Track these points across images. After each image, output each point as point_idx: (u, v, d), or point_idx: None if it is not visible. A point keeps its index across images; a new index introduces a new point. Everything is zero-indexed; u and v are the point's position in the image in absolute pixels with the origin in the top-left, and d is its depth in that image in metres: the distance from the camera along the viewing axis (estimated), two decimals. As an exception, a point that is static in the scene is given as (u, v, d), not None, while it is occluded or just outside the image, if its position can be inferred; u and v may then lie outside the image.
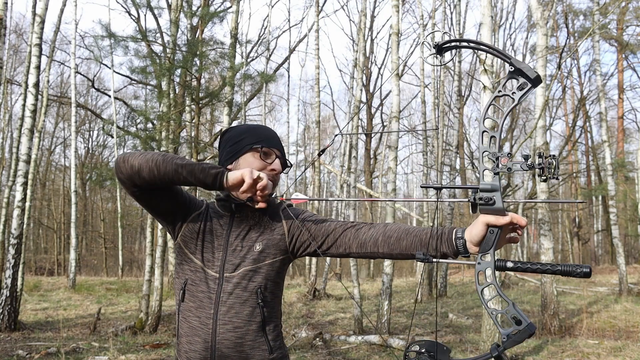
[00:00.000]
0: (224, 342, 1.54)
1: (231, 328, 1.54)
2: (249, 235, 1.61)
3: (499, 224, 1.26)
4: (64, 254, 25.84)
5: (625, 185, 21.99)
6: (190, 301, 1.60)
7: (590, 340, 7.29)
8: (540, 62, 8.46)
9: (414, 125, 31.00)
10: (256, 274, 1.57)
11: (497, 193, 1.23)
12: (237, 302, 1.55)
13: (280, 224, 1.64)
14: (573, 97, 27.55)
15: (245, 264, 1.57)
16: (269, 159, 1.64)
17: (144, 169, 1.44)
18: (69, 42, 20.18)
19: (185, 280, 1.62)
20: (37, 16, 8.76)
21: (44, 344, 7.32)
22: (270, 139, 1.66)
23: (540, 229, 8.42)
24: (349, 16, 34.05)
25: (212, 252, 1.61)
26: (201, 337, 1.56)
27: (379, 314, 8.40)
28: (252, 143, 1.63)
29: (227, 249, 1.60)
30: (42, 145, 23.68)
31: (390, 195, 8.84)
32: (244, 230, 1.62)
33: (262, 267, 1.58)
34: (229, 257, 1.59)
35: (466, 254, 1.36)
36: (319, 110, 15.75)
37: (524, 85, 1.25)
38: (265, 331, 1.57)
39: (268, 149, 1.64)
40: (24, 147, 8.61)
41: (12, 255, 8.46)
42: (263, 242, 1.60)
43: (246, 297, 1.56)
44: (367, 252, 1.51)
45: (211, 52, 9.54)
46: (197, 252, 1.62)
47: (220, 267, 1.58)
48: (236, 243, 1.60)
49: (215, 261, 1.60)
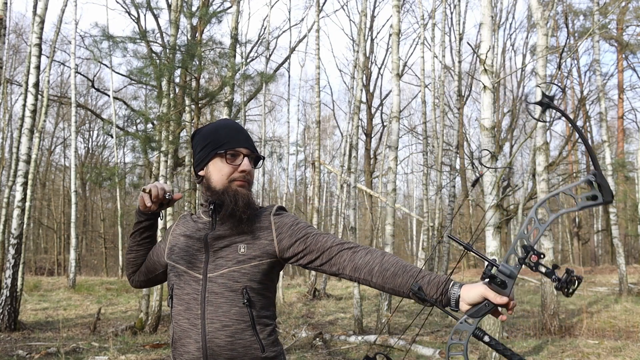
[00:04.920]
0: (215, 341, 1.55)
1: (220, 327, 1.55)
2: (232, 237, 1.61)
3: (495, 302, 1.30)
4: (64, 254, 25.84)
5: (625, 185, 22.00)
6: (179, 304, 1.62)
7: (590, 340, 7.29)
8: (540, 62, 8.46)
9: (414, 125, 31.01)
10: (241, 275, 1.57)
11: (512, 281, 1.27)
12: (223, 302, 1.56)
13: (269, 229, 1.62)
14: (573, 97, 27.55)
15: (230, 265, 1.57)
16: (237, 160, 1.64)
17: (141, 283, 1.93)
18: (69, 42, 20.17)
19: (172, 286, 1.65)
20: (37, 16, 8.76)
21: (44, 344, 7.32)
22: (233, 139, 1.64)
23: (540, 229, 8.42)
24: (349, 16, 34.07)
25: (194, 254, 1.63)
26: (192, 338, 1.57)
27: (379, 314, 8.40)
28: (216, 148, 1.63)
29: (209, 250, 1.61)
30: (42, 145, 23.67)
31: (390, 195, 8.84)
32: (226, 232, 1.61)
33: (247, 269, 1.57)
34: (212, 258, 1.60)
35: (455, 309, 1.37)
36: (319, 110, 15.75)
37: (594, 197, 1.24)
38: (256, 330, 1.57)
39: (234, 151, 1.63)
40: (24, 147, 8.61)
41: (12, 255, 8.46)
42: (248, 245, 1.59)
43: (232, 297, 1.56)
44: (360, 277, 1.51)
45: (210, 53, 9.53)
46: (179, 259, 1.65)
47: (204, 269, 1.59)
48: (218, 244, 1.61)
49: (198, 262, 1.61)
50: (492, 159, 6.05)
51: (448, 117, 21.64)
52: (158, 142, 9.24)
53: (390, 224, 8.76)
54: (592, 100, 24.23)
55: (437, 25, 18.70)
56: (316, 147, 16.13)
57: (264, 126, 20.60)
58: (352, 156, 11.97)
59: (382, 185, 24.54)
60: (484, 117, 6.10)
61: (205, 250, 1.61)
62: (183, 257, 1.64)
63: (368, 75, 27.71)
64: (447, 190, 19.99)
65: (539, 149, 8.39)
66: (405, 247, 36.84)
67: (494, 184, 5.97)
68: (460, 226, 28.21)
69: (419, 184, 32.72)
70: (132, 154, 15.91)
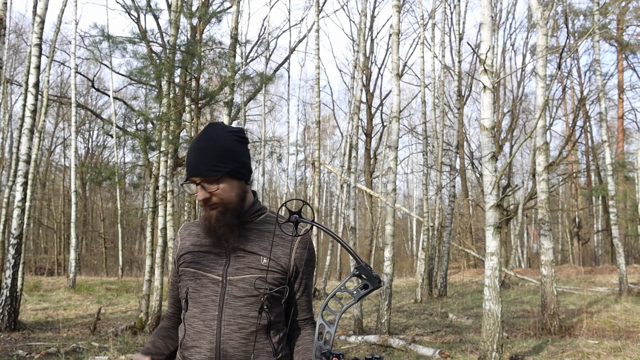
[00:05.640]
0: (229, 342, 1.56)
1: (236, 329, 1.56)
2: (253, 246, 1.62)
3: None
4: (64, 254, 25.84)
5: (625, 185, 21.99)
6: (194, 307, 1.61)
7: (590, 340, 7.29)
8: (540, 62, 8.46)
9: (414, 125, 31.00)
10: (263, 282, 1.58)
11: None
12: (242, 306, 1.57)
13: (289, 246, 1.65)
14: (573, 97, 27.56)
15: (252, 272, 1.59)
16: (194, 189, 1.61)
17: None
18: (69, 42, 20.18)
19: (187, 289, 1.64)
20: (37, 16, 8.76)
21: (44, 344, 7.32)
22: (189, 168, 1.60)
23: (540, 229, 8.42)
24: (349, 16, 34.07)
25: (212, 258, 1.63)
26: (206, 339, 1.57)
27: (379, 314, 8.40)
28: (184, 180, 1.64)
29: (230, 255, 1.61)
30: (42, 145, 23.67)
31: (391, 195, 8.84)
32: (248, 240, 1.62)
33: (269, 280, 1.59)
34: (232, 262, 1.60)
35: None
36: (319, 110, 15.75)
37: (366, 286, 1.40)
38: (270, 334, 1.60)
39: (190, 180, 1.60)
40: (24, 147, 8.61)
41: (12, 255, 8.46)
42: (269, 257, 1.61)
43: (252, 301, 1.57)
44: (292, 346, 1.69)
45: (210, 53, 9.53)
46: (195, 263, 1.65)
47: (224, 271, 1.60)
48: (239, 251, 1.61)
49: (217, 266, 1.61)
50: (492, 159, 6.04)
51: (448, 117, 21.63)
52: (158, 142, 9.24)
53: (390, 224, 8.77)
54: (592, 100, 24.22)
55: (437, 25, 18.71)
56: (316, 147, 16.13)
57: (263, 126, 20.62)
58: (352, 156, 11.97)
59: (382, 185, 24.53)
60: (484, 117, 6.11)
61: (226, 255, 1.61)
62: (200, 262, 1.63)
63: (368, 75, 27.71)
64: (447, 190, 20.00)
65: (539, 149, 8.39)
66: (405, 247, 36.83)
67: (494, 184, 5.97)
68: (460, 226, 28.20)
69: (419, 184, 32.74)
70: (132, 153, 15.92)
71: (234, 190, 1.58)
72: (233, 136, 1.59)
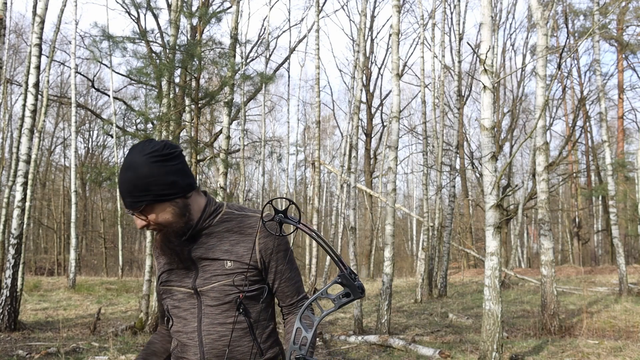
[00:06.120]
0: (213, 352, 1.58)
1: (217, 337, 1.58)
2: (215, 251, 1.61)
3: None
4: (64, 254, 25.83)
5: (625, 185, 21.99)
6: (177, 322, 1.64)
7: (590, 340, 7.29)
8: (540, 62, 8.46)
9: (414, 125, 31.01)
10: (233, 287, 1.58)
11: None
12: (219, 314, 1.58)
13: (252, 239, 1.62)
14: (573, 97, 27.56)
15: (219, 279, 1.58)
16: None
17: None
18: (69, 42, 20.19)
19: (167, 308, 1.67)
20: (37, 16, 8.76)
21: (44, 344, 7.32)
22: (123, 200, 1.58)
23: (540, 229, 8.42)
24: (349, 16, 34.09)
25: (182, 273, 1.64)
26: (191, 352, 1.60)
27: (379, 314, 8.40)
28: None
29: (197, 266, 1.61)
30: (42, 145, 23.69)
31: (391, 195, 8.84)
32: (210, 247, 1.61)
33: (237, 281, 1.58)
34: (200, 273, 1.60)
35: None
36: (319, 110, 15.76)
37: (348, 294, 1.39)
38: (255, 335, 1.61)
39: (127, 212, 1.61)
40: (24, 147, 8.61)
41: (12, 255, 8.46)
42: (232, 260, 1.60)
43: (227, 307, 1.58)
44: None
45: (210, 53, 9.53)
46: (170, 280, 1.66)
47: (193, 284, 1.60)
48: (203, 261, 1.61)
49: (187, 279, 1.62)
50: (492, 159, 6.04)
51: (448, 117, 21.64)
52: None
53: (390, 224, 8.77)
54: (592, 100, 24.23)
55: (437, 25, 18.70)
56: (316, 147, 16.14)
57: (263, 126, 20.62)
58: (352, 156, 11.96)
59: (382, 185, 24.54)
60: (484, 117, 6.11)
61: (194, 267, 1.62)
62: (173, 279, 1.65)
63: (368, 75, 27.72)
64: (447, 190, 20.00)
65: (539, 149, 8.39)
66: (405, 247, 36.83)
67: (494, 184, 5.97)
68: (460, 226, 28.20)
69: (419, 184, 32.73)
70: (132, 154, 15.88)
71: (168, 213, 1.54)
72: (151, 158, 1.50)
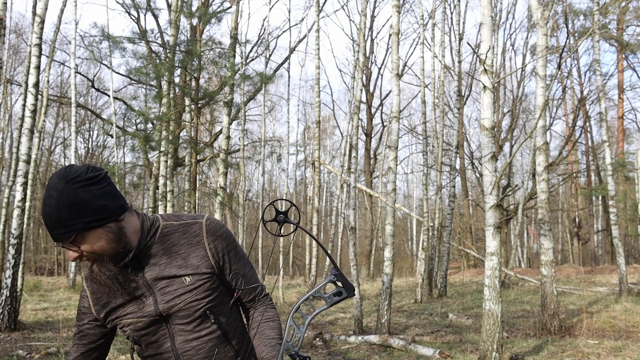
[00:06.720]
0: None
1: (194, 352, 1.55)
2: (170, 269, 1.55)
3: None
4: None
5: (625, 185, 21.98)
6: (149, 347, 1.59)
7: (590, 340, 7.29)
8: (540, 62, 8.46)
9: (414, 125, 31.01)
10: (198, 301, 1.54)
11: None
12: (191, 330, 1.55)
13: (202, 246, 1.57)
14: (573, 97, 27.56)
15: (182, 298, 1.53)
16: None
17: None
18: (69, 42, 20.19)
19: (133, 339, 1.60)
20: (37, 16, 8.76)
21: (44, 344, 7.32)
22: (50, 233, 1.46)
23: (540, 229, 8.41)
24: (349, 16, 34.08)
25: (139, 302, 1.55)
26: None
27: (379, 314, 8.40)
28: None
29: (152, 289, 1.54)
30: (42, 145, 23.69)
31: (391, 195, 8.84)
32: (160, 265, 1.55)
33: (200, 293, 1.54)
34: (159, 297, 1.53)
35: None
36: (319, 110, 15.76)
37: (340, 293, 1.42)
38: (229, 339, 1.59)
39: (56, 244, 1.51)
40: (24, 147, 8.61)
41: (12, 255, 8.46)
42: (189, 275, 1.55)
43: (199, 322, 1.55)
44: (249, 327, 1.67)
45: (210, 53, 9.53)
46: (122, 316, 1.58)
47: (156, 309, 1.54)
48: (160, 283, 1.54)
49: (147, 307, 1.54)
50: (492, 159, 6.04)
51: (448, 117, 21.64)
52: (158, 142, 9.24)
53: (390, 224, 8.76)
54: (592, 100, 24.23)
55: (437, 25, 18.70)
56: (316, 147, 16.13)
57: (263, 126, 20.61)
58: (352, 156, 11.96)
59: (382, 185, 24.54)
60: (484, 117, 6.10)
61: (148, 291, 1.54)
62: (129, 313, 1.56)
63: (368, 75, 27.72)
64: (447, 190, 19.99)
65: (539, 149, 8.39)
66: (405, 247, 36.83)
67: (494, 184, 5.97)
68: (460, 226, 28.20)
69: (419, 184, 32.74)
70: (132, 153, 15.90)
71: (101, 239, 1.43)
72: (75, 184, 1.39)
